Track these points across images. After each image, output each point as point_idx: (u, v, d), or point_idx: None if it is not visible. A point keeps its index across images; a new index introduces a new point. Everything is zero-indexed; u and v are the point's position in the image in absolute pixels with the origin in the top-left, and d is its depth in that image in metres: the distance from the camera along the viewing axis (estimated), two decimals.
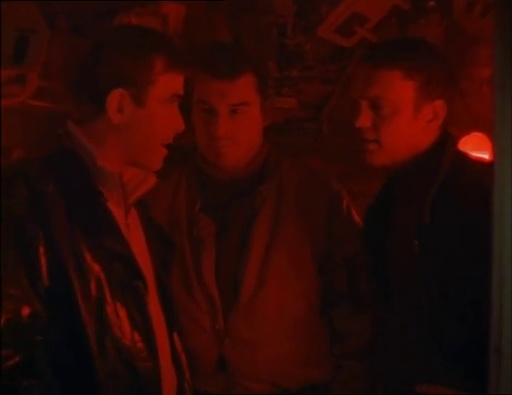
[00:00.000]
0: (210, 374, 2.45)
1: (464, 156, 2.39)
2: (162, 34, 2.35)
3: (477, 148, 3.08)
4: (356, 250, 2.51)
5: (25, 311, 1.82)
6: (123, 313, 1.95)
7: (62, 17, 2.84)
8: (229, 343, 2.43)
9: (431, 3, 3.39)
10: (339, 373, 2.51)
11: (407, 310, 2.37)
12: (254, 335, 2.43)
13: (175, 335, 2.16)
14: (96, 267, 1.92)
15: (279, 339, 2.45)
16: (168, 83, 2.03)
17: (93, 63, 2.01)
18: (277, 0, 3.07)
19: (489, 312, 1.36)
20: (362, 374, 2.50)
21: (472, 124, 3.33)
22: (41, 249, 1.86)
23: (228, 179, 2.51)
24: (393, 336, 2.44)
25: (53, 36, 2.73)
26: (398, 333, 2.42)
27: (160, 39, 2.09)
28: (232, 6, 3.22)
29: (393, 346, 2.44)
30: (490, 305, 1.34)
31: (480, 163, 2.43)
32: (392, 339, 2.45)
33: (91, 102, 2.01)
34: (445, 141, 2.33)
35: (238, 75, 2.40)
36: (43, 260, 1.86)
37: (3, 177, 1.92)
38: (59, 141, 2.04)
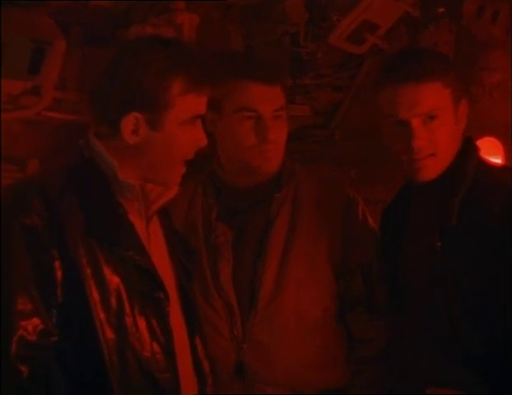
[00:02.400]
0: (228, 380, 2.45)
1: (485, 160, 2.42)
2: (184, 50, 2.02)
3: (490, 152, 3.09)
4: (372, 255, 2.53)
5: (37, 328, 1.81)
6: (142, 324, 1.94)
7: (77, 29, 2.87)
8: (247, 348, 2.44)
9: (441, 10, 3.40)
10: (357, 378, 2.51)
11: (422, 313, 2.38)
12: (272, 340, 2.44)
13: (198, 342, 2.15)
14: (116, 280, 1.91)
15: (296, 344, 2.46)
16: (187, 105, 1.94)
17: (108, 84, 1.94)
18: (290, 9, 3.09)
19: None
20: (380, 379, 2.50)
21: (482, 129, 3.34)
22: (57, 264, 1.84)
23: (245, 187, 2.52)
24: (407, 339, 2.45)
25: (68, 47, 2.75)
26: (413, 336, 2.43)
27: (180, 58, 1.95)
28: (245, 15, 3.25)
29: (408, 349, 2.45)
30: None
31: (501, 167, 2.46)
32: (406, 342, 2.46)
33: (108, 122, 1.96)
34: (468, 145, 2.37)
35: (277, 80, 2.45)
36: (58, 275, 1.85)
37: (21, 191, 1.90)
38: (80, 153, 2.00)
